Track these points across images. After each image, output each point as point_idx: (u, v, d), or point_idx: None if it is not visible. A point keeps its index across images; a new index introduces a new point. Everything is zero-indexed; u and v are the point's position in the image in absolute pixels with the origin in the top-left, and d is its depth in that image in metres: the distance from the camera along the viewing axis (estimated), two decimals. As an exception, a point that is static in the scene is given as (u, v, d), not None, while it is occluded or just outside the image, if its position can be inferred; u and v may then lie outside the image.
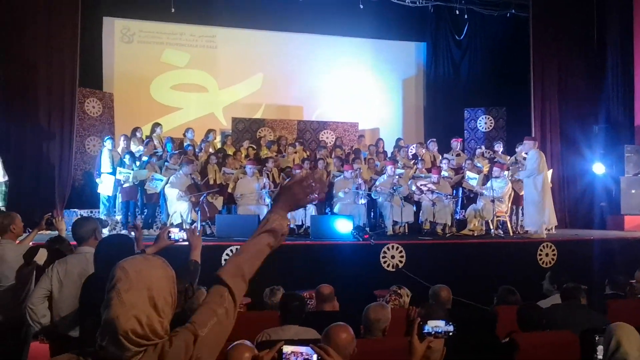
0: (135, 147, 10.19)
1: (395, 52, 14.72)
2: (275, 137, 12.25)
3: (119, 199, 9.38)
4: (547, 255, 8.36)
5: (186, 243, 3.24)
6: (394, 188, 9.44)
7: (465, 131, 13.27)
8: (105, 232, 9.11)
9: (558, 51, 12.18)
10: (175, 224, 9.03)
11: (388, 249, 7.90)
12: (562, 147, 11.96)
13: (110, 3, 12.78)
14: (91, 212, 10.01)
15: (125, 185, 9.05)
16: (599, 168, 11.65)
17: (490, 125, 13.13)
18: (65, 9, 10.03)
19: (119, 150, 9.77)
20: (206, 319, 1.65)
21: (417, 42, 14.88)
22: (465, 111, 13.42)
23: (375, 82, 14.53)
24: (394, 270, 7.89)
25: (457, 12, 13.67)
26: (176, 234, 3.19)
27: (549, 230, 9.09)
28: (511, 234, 9.31)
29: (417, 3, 13.65)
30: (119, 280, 1.56)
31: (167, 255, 1.97)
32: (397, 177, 9.60)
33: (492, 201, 9.01)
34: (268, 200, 9.23)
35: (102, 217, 9.38)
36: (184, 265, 2.95)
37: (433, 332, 2.23)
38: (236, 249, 7.56)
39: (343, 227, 8.33)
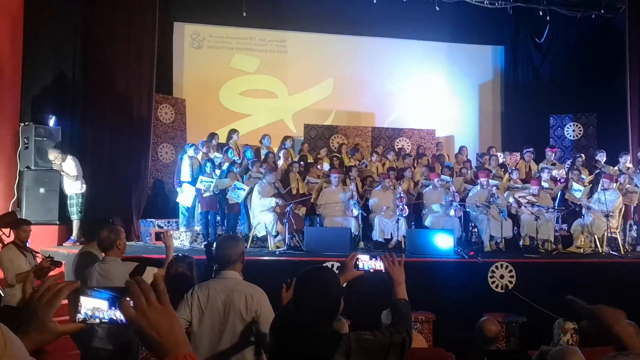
0: (211, 155, 9.79)
1: (471, 56, 14.05)
2: (349, 144, 11.74)
3: (198, 209, 8.97)
4: (668, 277, 7.55)
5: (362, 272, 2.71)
6: (491, 200, 8.78)
7: (551, 139, 12.47)
8: (186, 244, 8.74)
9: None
10: (259, 235, 8.60)
11: (497, 267, 7.25)
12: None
13: (181, 8, 12.56)
14: (168, 222, 9.67)
15: (206, 194, 8.64)
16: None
17: (579, 133, 12.30)
18: (142, 13, 9.77)
19: (199, 157, 9.38)
20: None
21: (495, 46, 14.17)
22: (551, 118, 12.62)
23: (450, 87, 13.89)
24: (503, 291, 7.23)
25: (541, 13, 12.92)
26: (366, 262, 2.65)
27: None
28: (622, 252, 8.50)
29: (496, 5, 12.96)
30: None
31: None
32: (494, 188, 8.92)
33: (607, 216, 8.22)
34: (356, 212, 8.69)
35: (182, 227, 9.00)
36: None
37: None
38: (332, 264, 7.05)
39: (443, 242, 7.73)
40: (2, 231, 5.92)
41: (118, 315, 1.26)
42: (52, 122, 9.07)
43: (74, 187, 8.55)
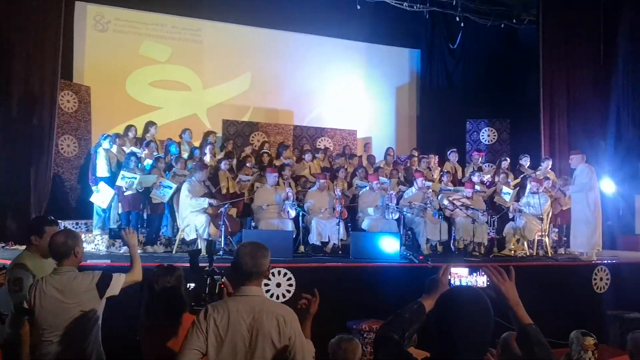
0: (127, 149, 8.79)
1: (389, 57, 14.01)
2: (272, 142, 11.15)
3: (119, 209, 7.96)
4: (601, 279, 7.79)
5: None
6: (428, 202, 8.62)
7: (467, 143, 12.69)
8: (102, 248, 7.72)
9: (566, 65, 11.86)
10: (187, 239, 7.78)
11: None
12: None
13: (83, -15, 11.28)
14: (77, 224, 8.53)
15: (128, 192, 7.66)
16: (608, 185, 11.33)
17: (494, 138, 12.63)
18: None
19: (114, 151, 8.35)
20: None
21: (412, 49, 14.23)
22: (468, 122, 12.85)
23: (369, 88, 13.74)
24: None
25: (457, 19, 13.15)
26: (464, 278, 2.15)
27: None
28: (549, 254, 8.67)
29: (414, 7, 13.01)
30: None
31: None
32: (430, 190, 8.77)
33: (541, 219, 8.35)
34: (293, 213, 8.14)
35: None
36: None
37: None
38: (278, 271, 6.47)
39: (389, 246, 7.40)
40: None
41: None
42: None
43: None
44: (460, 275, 2.01)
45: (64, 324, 3.11)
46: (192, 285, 3.21)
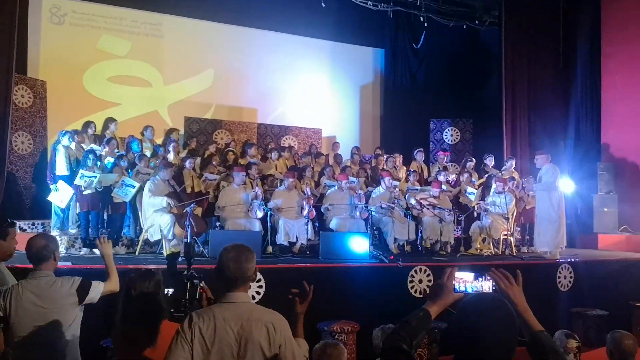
0: (86, 146, 8.45)
1: (353, 56, 13.96)
2: (237, 141, 10.94)
3: (77, 209, 7.63)
4: (565, 277, 7.91)
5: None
6: (396, 201, 8.59)
7: (431, 143, 12.76)
8: (61, 250, 7.37)
9: (528, 66, 12.07)
10: (151, 240, 7.53)
11: (416, 272, 7.00)
12: (531, 163, 11.78)
13: (37, -24, 10.81)
14: (33, 224, 8.14)
15: (87, 191, 7.34)
16: (567, 185, 11.56)
17: (457, 138, 12.74)
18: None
19: (73, 148, 8.00)
20: None
21: (376, 48, 14.22)
22: (432, 122, 12.92)
23: (333, 87, 13.66)
24: (421, 296, 7.00)
25: (421, 18, 13.21)
26: (469, 283, 2.05)
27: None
28: (514, 253, 8.77)
29: (379, 7, 13.01)
30: None
31: None
32: (397, 189, 8.75)
33: (507, 218, 8.43)
34: (261, 214, 7.98)
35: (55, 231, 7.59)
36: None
37: None
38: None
39: (359, 246, 7.33)
40: None
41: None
42: None
43: None
44: (465, 280, 1.91)
45: (41, 330, 3.02)
46: (170, 290, 3.04)
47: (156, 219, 7.33)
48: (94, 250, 7.09)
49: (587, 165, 11.46)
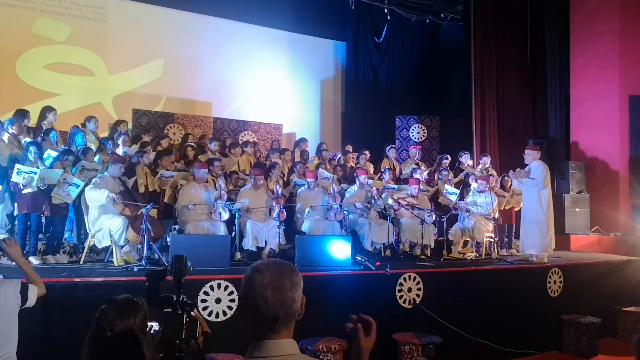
0: (22, 138, 7.30)
1: (314, 49, 13.20)
2: (195, 135, 9.98)
3: (13, 210, 6.50)
4: (554, 282, 7.41)
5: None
6: (372, 202, 7.88)
7: (397, 140, 12.15)
8: None
9: (496, 64, 11.71)
10: (100, 246, 6.51)
11: (405, 279, 6.29)
12: (500, 161, 11.38)
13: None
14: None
15: (26, 190, 6.24)
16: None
17: (424, 135, 12.18)
18: None
19: (5, 139, 6.85)
20: None
21: (337, 41, 13.51)
22: (397, 118, 12.32)
23: (292, 80, 12.85)
24: (410, 307, 6.31)
25: (385, 10, 12.64)
26: None
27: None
28: (499, 257, 8.20)
29: (340, -4, 12.38)
30: None
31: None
32: (374, 188, 8.04)
33: (492, 219, 7.86)
34: (226, 215, 7.09)
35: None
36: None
37: None
38: (218, 284, 5.45)
39: (340, 251, 6.56)
40: None
41: None
42: None
43: None
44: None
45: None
46: (154, 325, 2.15)
47: (105, 222, 6.32)
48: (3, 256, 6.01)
49: (555, 163, 11.10)
